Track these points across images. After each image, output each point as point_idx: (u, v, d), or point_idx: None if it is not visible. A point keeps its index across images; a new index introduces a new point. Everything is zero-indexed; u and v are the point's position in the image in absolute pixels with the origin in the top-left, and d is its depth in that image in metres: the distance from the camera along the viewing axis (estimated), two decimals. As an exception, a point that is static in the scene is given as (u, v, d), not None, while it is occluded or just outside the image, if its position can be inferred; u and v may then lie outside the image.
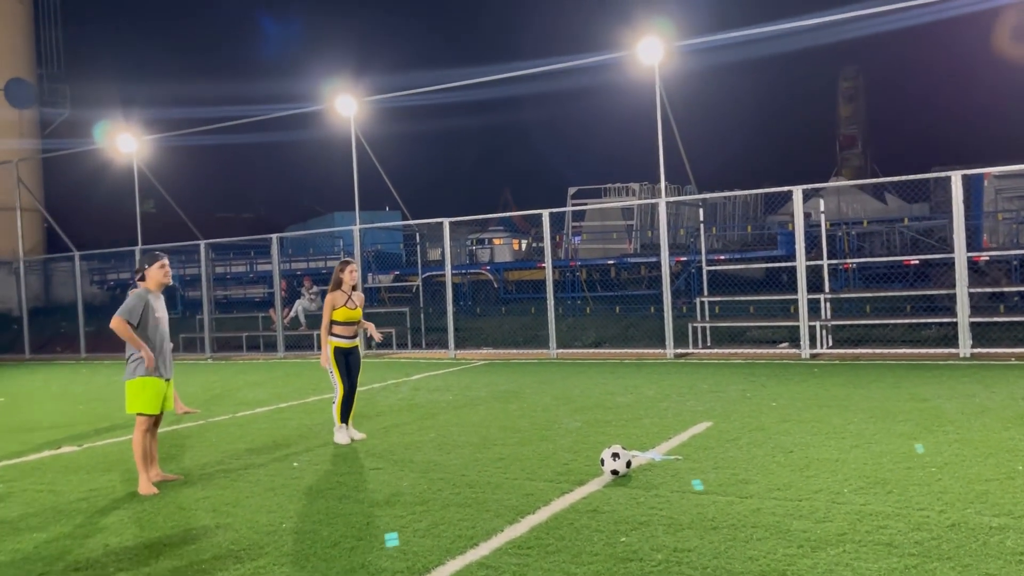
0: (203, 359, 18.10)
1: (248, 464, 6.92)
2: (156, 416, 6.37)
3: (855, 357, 12.28)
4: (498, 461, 6.52)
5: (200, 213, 26.72)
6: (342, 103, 16.98)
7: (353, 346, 7.87)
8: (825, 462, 5.92)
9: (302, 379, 13.10)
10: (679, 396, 9.36)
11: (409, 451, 7.11)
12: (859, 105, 55.86)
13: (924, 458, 5.88)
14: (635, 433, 7.37)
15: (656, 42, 13.68)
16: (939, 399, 8.27)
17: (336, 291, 7.81)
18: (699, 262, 19.06)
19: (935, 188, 25.21)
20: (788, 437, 6.84)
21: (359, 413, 8.68)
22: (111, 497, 6.05)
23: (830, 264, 14.93)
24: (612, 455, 5.81)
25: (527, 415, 8.60)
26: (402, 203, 18.67)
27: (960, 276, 11.64)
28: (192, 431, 8.68)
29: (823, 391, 9.16)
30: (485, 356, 15.27)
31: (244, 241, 23.52)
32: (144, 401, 6.22)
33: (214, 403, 10.76)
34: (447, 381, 11.92)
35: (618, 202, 24.27)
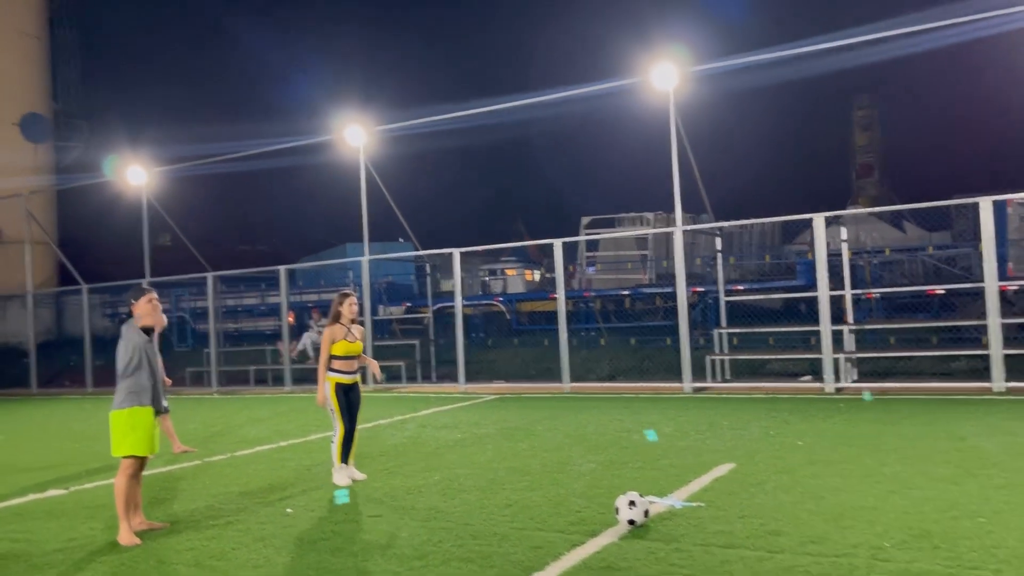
0: (209, 393, 17.74)
1: (240, 509, 6.49)
2: (144, 459, 5.97)
3: (882, 391, 11.73)
4: (505, 508, 6.06)
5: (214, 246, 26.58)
6: (351, 133, 16.75)
7: (354, 382, 7.48)
8: (861, 510, 5.43)
9: (306, 415, 12.69)
10: (698, 434, 8.87)
11: (411, 496, 6.67)
12: (874, 133, 55.49)
13: (971, 506, 5.38)
14: (652, 476, 6.89)
15: (671, 67, 13.36)
16: (977, 437, 7.74)
17: (335, 324, 7.45)
18: (716, 292, 18.61)
19: (956, 216, 24.69)
20: (818, 481, 6.35)
21: (361, 452, 8.25)
22: (90, 548, 5.63)
23: (852, 294, 14.42)
24: (628, 503, 5.35)
25: (538, 455, 8.14)
26: (412, 234, 18.36)
27: (991, 306, 11.12)
28: (186, 472, 8.27)
29: (851, 429, 8.65)
30: (496, 390, 14.81)
31: (253, 273, 23.26)
32: (134, 441, 5.82)
33: (213, 441, 10.36)
34: (456, 417, 11.47)
35: (632, 231, 23.87)
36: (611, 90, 14.98)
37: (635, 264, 23.87)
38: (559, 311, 14.39)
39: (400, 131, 17.53)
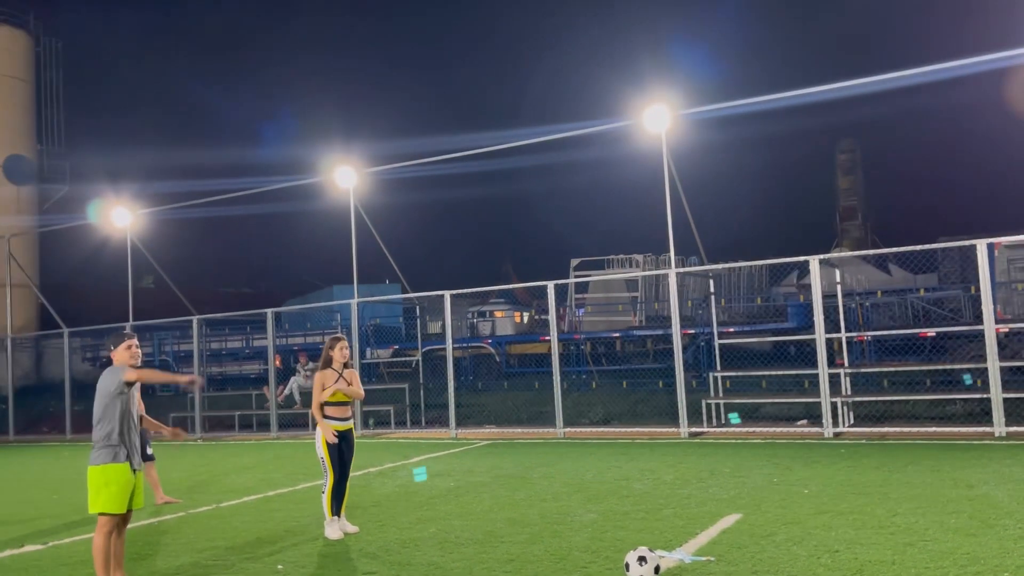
0: (193, 440, 17.31)
1: (227, 566, 6.18)
2: (121, 515, 5.66)
3: (881, 436, 11.56)
4: (507, 563, 5.80)
5: (199, 289, 26.29)
6: (341, 175, 16.65)
7: (347, 428, 7.22)
8: (879, 565, 5.21)
9: (294, 462, 12.35)
10: (700, 482, 8.64)
11: (407, 550, 6.39)
12: (857, 177, 56.17)
13: (992, 560, 5.17)
14: (657, 528, 6.65)
15: (663, 110, 13.39)
16: (987, 486, 7.56)
17: (326, 369, 7.22)
18: (706, 335, 18.46)
19: (943, 259, 24.82)
20: (829, 532, 6.13)
21: (352, 503, 7.96)
22: (67, 610, 5.31)
23: (847, 337, 14.32)
24: (638, 559, 5.10)
25: (536, 505, 7.88)
26: (401, 275, 18.17)
27: (991, 350, 11.02)
28: (169, 526, 7.93)
29: (857, 476, 8.44)
30: (488, 435, 14.51)
31: (239, 316, 22.94)
32: (108, 498, 5.49)
33: (198, 491, 10.01)
34: (448, 465, 11.17)
35: (624, 273, 23.80)
36: (603, 132, 15.02)
37: (625, 306, 23.75)
38: (552, 354, 14.18)
39: (390, 173, 17.46)
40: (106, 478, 5.48)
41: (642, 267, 24.36)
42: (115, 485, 5.49)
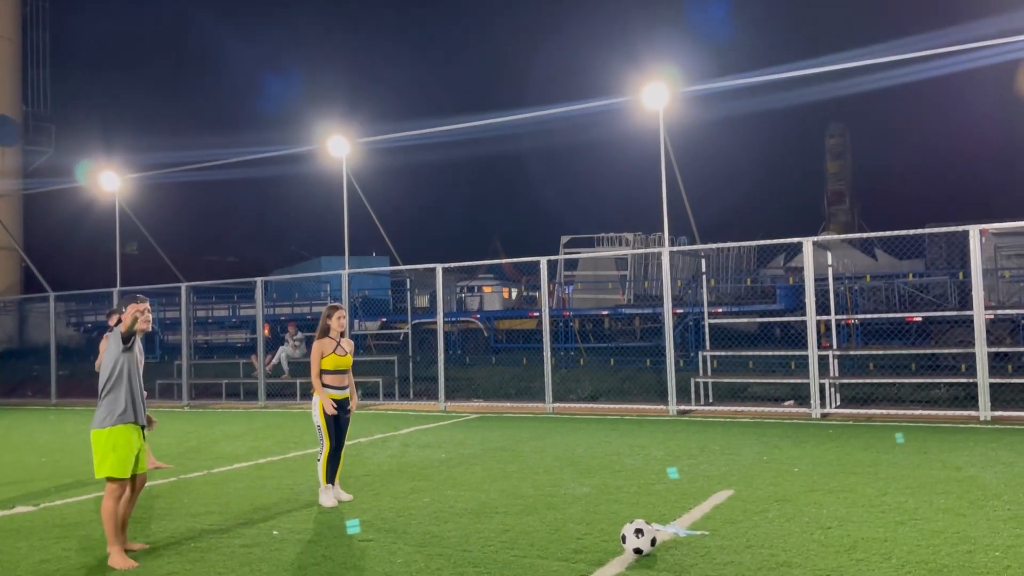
0: (180, 407, 17.26)
1: (223, 531, 6.19)
2: (128, 480, 5.64)
3: (867, 417, 11.69)
4: (502, 534, 5.84)
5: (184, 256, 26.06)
6: (334, 144, 16.51)
7: (344, 397, 7.21)
8: (872, 542, 5.28)
9: (284, 431, 12.35)
10: (691, 459, 8.72)
11: (402, 519, 6.41)
12: (846, 162, 56.31)
13: (983, 540, 5.26)
14: (651, 502, 6.71)
15: (661, 87, 13.35)
16: (974, 468, 7.67)
17: (324, 338, 7.21)
18: (695, 315, 18.54)
19: (930, 245, 24.99)
20: (821, 510, 6.21)
21: (345, 473, 7.97)
22: (63, 570, 5.30)
23: (836, 319, 14.43)
24: (635, 531, 5.15)
25: (529, 477, 7.92)
26: (392, 248, 18.10)
27: (979, 335, 11.13)
28: (162, 490, 7.92)
29: (846, 456, 8.54)
30: (477, 409, 14.56)
31: (227, 284, 22.81)
32: (114, 462, 5.47)
33: (188, 457, 10.00)
34: (439, 436, 11.21)
35: (615, 251, 23.82)
36: (599, 109, 14.96)
37: (614, 284, 23.79)
38: (543, 330, 14.20)
39: (383, 144, 17.34)
40: (113, 442, 5.46)
41: (632, 246, 24.38)
42: (121, 448, 5.47)
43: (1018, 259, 20.11)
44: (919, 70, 13.64)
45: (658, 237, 22.71)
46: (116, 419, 5.49)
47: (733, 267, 26.57)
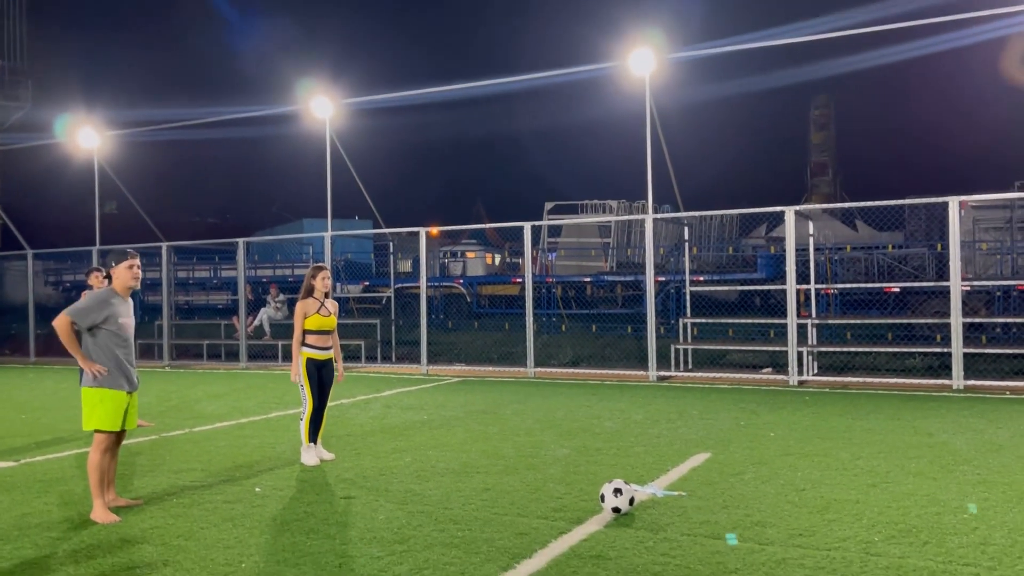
0: (160, 367, 17.23)
1: (205, 488, 6.23)
2: (117, 434, 5.65)
3: (844, 385, 11.88)
4: (483, 492, 5.92)
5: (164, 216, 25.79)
6: (318, 105, 16.33)
7: (327, 358, 7.22)
8: (844, 503, 5.41)
9: (265, 392, 12.37)
10: (669, 422, 8.84)
11: (384, 477, 6.48)
12: (830, 133, 56.42)
13: (952, 502, 5.40)
14: (629, 463, 6.81)
15: (648, 53, 13.28)
16: (945, 434, 7.84)
17: (308, 298, 7.19)
18: (676, 283, 18.65)
19: (910, 217, 25.21)
20: (796, 473, 6.33)
21: (327, 433, 8.02)
22: (45, 524, 5.33)
23: (810, 289, 14.58)
24: (614, 491, 5.24)
25: (509, 439, 8.01)
26: (376, 211, 18.02)
27: (955, 306, 11.30)
28: (143, 447, 7.94)
29: (821, 422, 8.69)
30: (458, 372, 14.64)
31: (208, 245, 22.64)
32: (102, 416, 5.47)
33: (169, 416, 10.01)
34: (421, 399, 11.28)
35: (599, 218, 23.84)
36: (586, 75, 14.88)
37: (597, 252, 23.85)
38: (526, 295, 14.25)
39: (367, 106, 17.17)
40: (100, 396, 5.46)
41: (616, 213, 24.41)
42: (109, 403, 5.47)
43: (995, 232, 20.33)
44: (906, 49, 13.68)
45: (642, 205, 22.74)
46: (105, 383, 5.47)
47: (715, 236, 26.71)
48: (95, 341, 5.49)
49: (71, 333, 5.41)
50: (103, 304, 5.48)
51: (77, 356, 5.44)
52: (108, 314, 5.48)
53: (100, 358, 5.47)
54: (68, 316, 5.42)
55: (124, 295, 5.66)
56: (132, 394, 5.68)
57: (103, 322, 5.46)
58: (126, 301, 5.68)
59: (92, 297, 5.55)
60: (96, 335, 5.48)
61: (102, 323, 5.46)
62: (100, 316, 5.45)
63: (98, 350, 5.48)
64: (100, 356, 5.48)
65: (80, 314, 5.43)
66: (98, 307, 5.46)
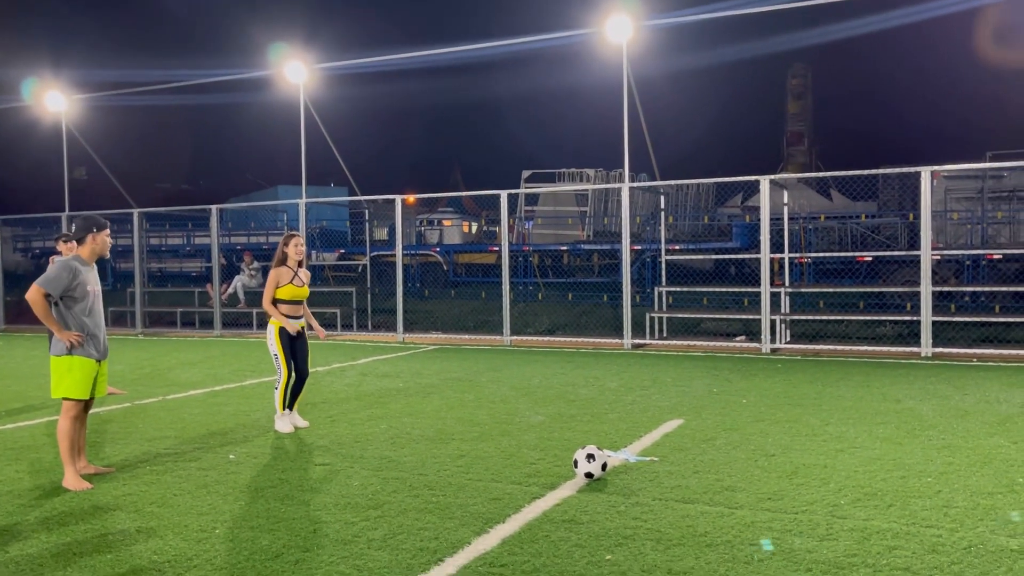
0: (133, 334, 17.07)
1: (178, 455, 6.22)
2: (86, 401, 5.61)
3: (815, 353, 12.03)
4: (458, 459, 5.96)
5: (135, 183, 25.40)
6: (292, 70, 16.07)
7: (301, 327, 7.20)
8: (812, 468, 5.51)
9: (240, 360, 12.31)
10: (643, 390, 8.92)
11: (359, 444, 6.50)
12: (807, 103, 56.52)
13: (917, 466, 5.51)
14: (603, 430, 6.88)
15: (625, 19, 13.18)
16: (912, 400, 7.98)
17: (281, 267, 7.14)
18: (652, 251, 18.73)
19: (883, 187, 25.44)
20: (766, 439, 6.43)
21: (303, 400, 7.99)
22: (15, 492, 5.30)
23: (791, 257, 14.71)
24: (587, 456, 5.29)
25: (485, 406, 8.05)
26: (351, 178, 17.85)
27: (925, 275, 11.45)
28: (115, 415, 7.90)
29: (792, 389, 8.81)
30: (435, 341, 14.65)
31: (181, 211, 22.34)
32: (71, 383, 5.42)
33: (142, 384, 9.94)
34: (397, 367, 11.29)
35: (576, 187, 23.80)
36: (563, 42, 14.75)
37: (574, 220, 23.85)
38: (503, 264, 14.24)
39: (342, 71, 16.93)
40: (69, 364, 5.40)
41: (593, 182, 24.38)
42: (79, 371, 5.42)
43: (967, 202, 20.56)
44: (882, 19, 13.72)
45: (619, 174, 22.73)
46: (77, 352, 5.42)
47: (691, 205, 26.78)
48: (64, 310, 5.42)
49: (46, 305, 5.35)
50: (72, 272, 5.41)
51: (52, 327, 5.38)
52: (77, 282, 5.42)
53: (70, 327, 5.42)
54: (40, 287, 5.35)
55: (90, 262, 5.59)
56: (102, 362, 5.63)
57: (72, 290, 5.40)
58: (92, 269, 5.61)
59: (60, 266, 5.47)
60: (64, 304, 5.42)
61: (71, 291, 5.40)
62: (71, 284, 5.39)
63: (67, 319, 5.42)
64: (69, 325, 5.42)
65: (52, 284, 5.36)
66: (68, 275, 5.39)
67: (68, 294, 5.40)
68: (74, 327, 5.42)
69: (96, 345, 5.55)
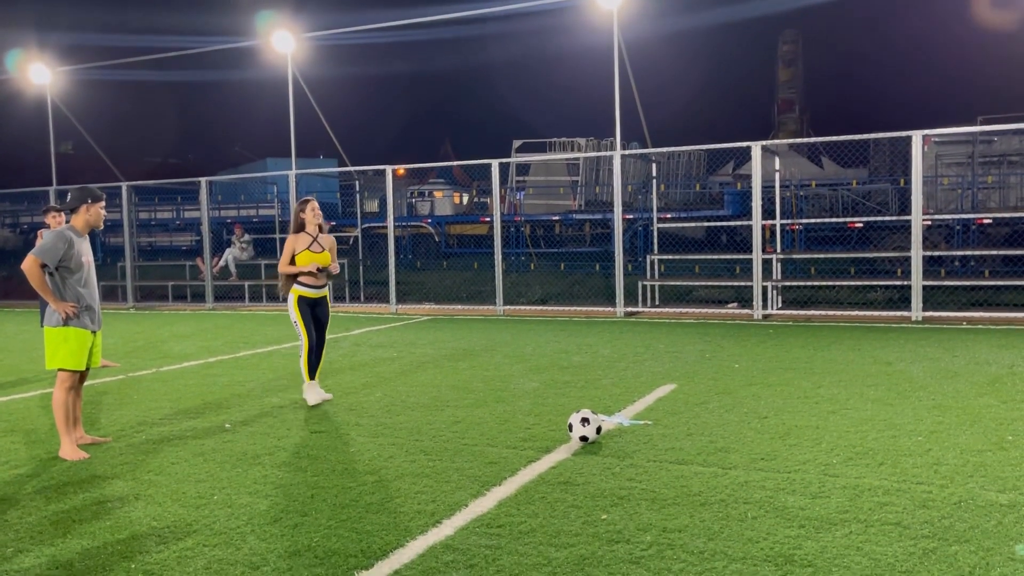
0: (125, 308, 17.03)
1: (174, 425, 6.24)
2: (81, 372, 5.61)
3: (807, 318, 12.10)
4: (454, 425, 5.99)
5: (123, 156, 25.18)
6: (279, 39, 15.89)
7: (320, 296, 6.94)
8: (805, 429, 5.57)
9: (233, 331, 12.31)
10: (636, 356, 8.97)
11: (354, 412, 6.53)
12: (798, 69, 56.23)
13: (907, 426, 5.58)
14: (597, 395, 6.93)
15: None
16: (903, 363, 8.05)
17: (299, 233, 6.86)
18: (644, 220, 18.71)
19: (874, 153, 25.42)
20: (759, 402, 6.49)
21: (295, 371, 8.02)
22: (12, 463, 5.31)
23: (782, 224, 14.73)
24: (582, 420, 5.33)
25: (479, 374, 8.08)
26: (341, 149, 17.73)
27: (915, 240, 11.49)
28: (110, 387, 7.90)
29: (784, 353, 8.87)
30: (428, 311, 14.67)
31: (170, 185, 22.21)
32: (66, 354, 5.42)
33: (136, 356, 9.94)
34: (390, 337, 11.31)
35: (567, 156, 23.70)
36: (552, 7, 14.60)
37: (566, 190, 23.79)
38: (495, 234, 14.21)
39: (330, 40, 16.74)
40: (64, 335, 5.39)
41: (584, 150, 24.28)
42: (74, 341, 5.41)
43: (957, 167, 20.58)
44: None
45: (610, 142, 22.66)
46: (72, 323, 5.41)
47: (683, 173, 26.73)
48: (59, 281, 5.40)
49: (41, 275, 5.34)
50: (67, 241, 5.39)
51: (48, 298, 5.37)
52: (72, 252, 5.40)
53: (65, 298, 5.41)
54: (36, 257, 5.32)
55: (83, 233, 5.56)
56: (96, 333, 5.62)
57: (67, 260, 5.38)
58: (85, 239, 5.58)
59: (54, 235, 5.43)
60: (60, 275, 5.40)
61: (66, 261, 5.38)
62: (67, 254, 5.37)
63: (62, 290, 5.40)
64: (65, 296, 5.41)
65: (47, 254, 5.34)
66: (63, 244, 5.37)
67: (64, 264, 5.38)
68: (70, 298, 5.41)
69: (91, 316, 5.54)
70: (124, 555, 3.73)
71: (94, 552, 3.77)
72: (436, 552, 3.65)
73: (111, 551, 3.78)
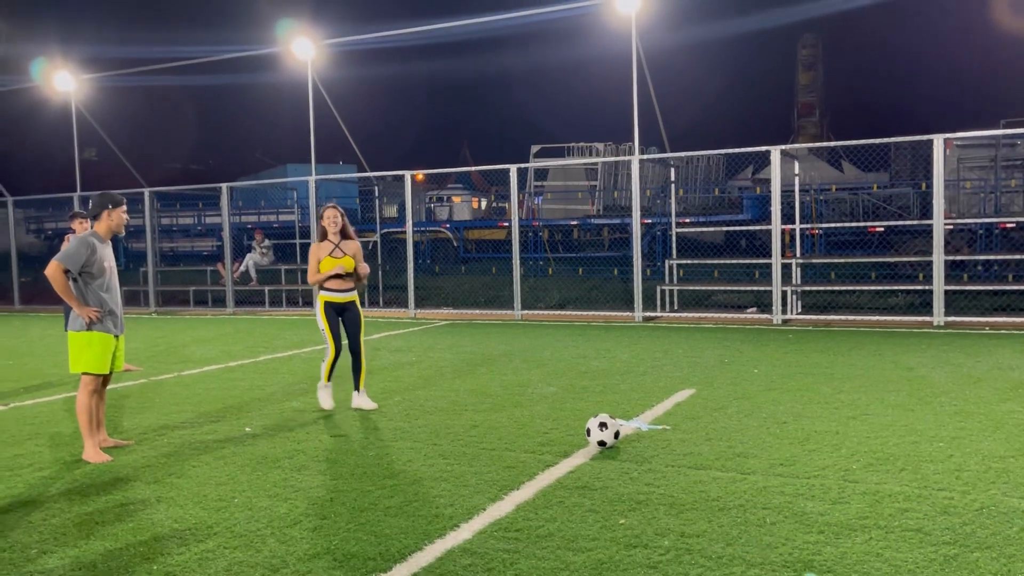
0: (147, 313, 17.20)
1: (195, 428, 6.30)
2: (104, 376, 5.68)
3: (827, 323, 12.02)
4: (472, 429, 6.01)
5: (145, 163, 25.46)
6: (299, 46, 16.02)
7: (348, 300, 7.01)
8: (824, 435, 5.53)
9: (253, 336, 12.40)
10: (655, 361, 8.94)
11: (373, 416, 6.56)
12: (817, 73, 55.93)
13: (928, 432, 5.53)
14: (615, 400, 6.92)
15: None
16: (925, 368, 7.98)
17: (322, 242, 6.96)
18: (662, 225, 18.67)
19: (895, 157, 25.22)
20: (778, 407, 6.45)
21: (313, 375, 8.06)
22: (36, 465, 5.38)
23: (802, 228, 14.66)
24: (599, 425, 5.33)
25: (497, 379, 8.10)
26: (361, 155, 17.84)
27: (937, 244, 11.38)
28: (132, 391, 7.99)
29: (804, 358, 8.82)
30: (446, 316, 14.71)
31: (191, 191, 22.41)
32: (90, 358, 5.49)
33: (158, 360, 10.04)
34: (409, 342, 11.35)
35: (585, 160, 23.70)
36: (572, 13, 14.63)
37: (584, 194, 23.79)
38: (513, 238, 14.24)
39: (350, 47, 16.87)
40: (88, 340, 5.47)
41: (602, 155, 24.26)
42: (98, 346, 5.49)
43: (980, 171, 20.37)
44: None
45: (628, 147, 22.62)
46: (95, 327, 5.49)
47: (702, 178, 26.66)
48: (83, 286, 5.48)
49: (65, 280, 5.42)
50: (90, 247, 5.46)
51: (72, 303, 5.45)
52: (95, 257, 5.48)
53: (89, 303, 5.48)
54: (60, 263, 5.41)
55: (106, 238, 5.64)
56: (119, 337, 5.70)
57: (90, 266, 5.46)
58: (107, 245, 5.66)
59: (77, 241, 5.51)
60: (83, 280, 5.48)
61: (89, 267, 5.46)
62: (89, 259, 5.45)
63: (86, 295, 5.48)
64: (88, 301, 5.49)
65: (70, 259, 5.42)
66: (86, 250, 5.45)
67: (86, 270, 5.46)
68: (93, 303, 5.49)
69: (114, 320, 5.61)
70: (146, 556, 3.77)
71: (116, 553, 3.82)
72: (454, 556, 3.66)
73: (133, 552, 3.82)
